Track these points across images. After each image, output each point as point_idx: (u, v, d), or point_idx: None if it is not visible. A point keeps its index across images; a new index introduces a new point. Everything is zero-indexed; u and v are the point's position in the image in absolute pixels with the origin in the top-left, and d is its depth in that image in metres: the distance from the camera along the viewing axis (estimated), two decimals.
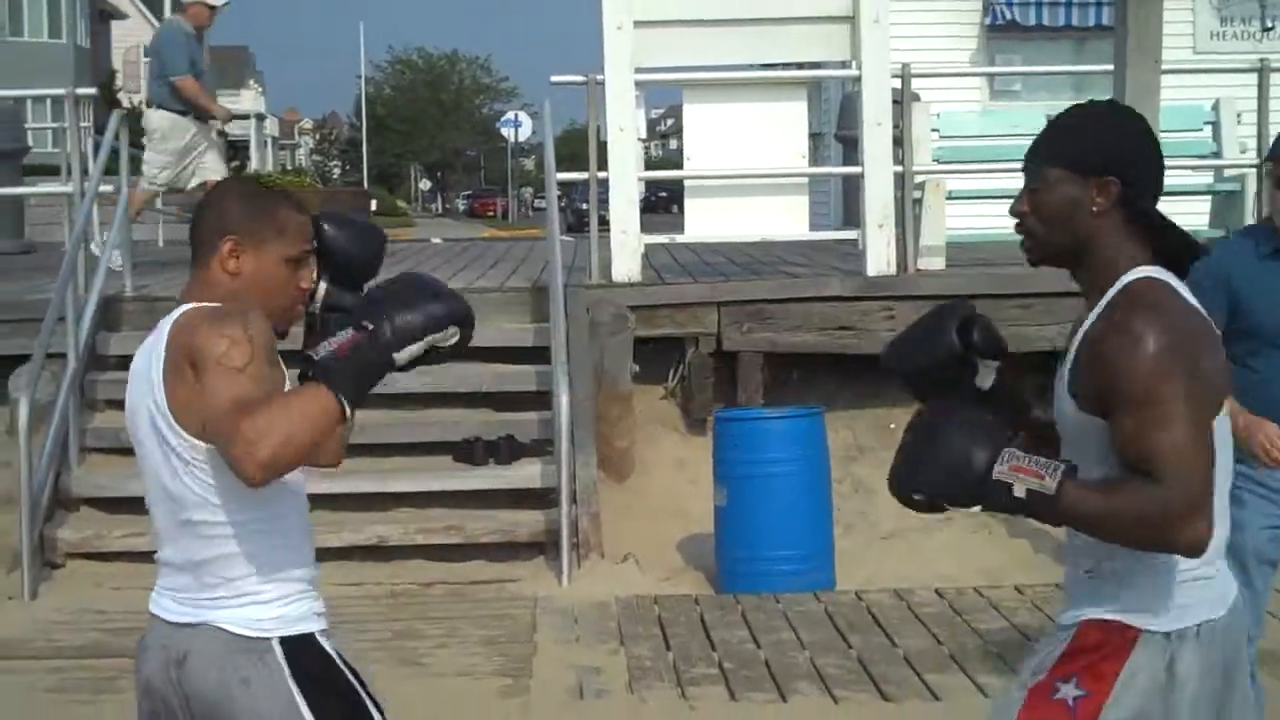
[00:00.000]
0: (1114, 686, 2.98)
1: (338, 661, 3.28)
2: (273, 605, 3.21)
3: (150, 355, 3.23)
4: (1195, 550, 2.88)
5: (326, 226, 3.43)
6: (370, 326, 3.04)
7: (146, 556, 8.69)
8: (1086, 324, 3.04)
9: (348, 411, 3.00)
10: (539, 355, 9.64)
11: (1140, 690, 2.98)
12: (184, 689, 3.23)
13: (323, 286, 3.45)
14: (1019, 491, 2.89)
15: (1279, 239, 5.12)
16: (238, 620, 3.21)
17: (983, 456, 2.91)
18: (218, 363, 3.04)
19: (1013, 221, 3.17)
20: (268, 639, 3.21)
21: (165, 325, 3.23)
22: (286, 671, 3.19)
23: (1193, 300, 3.04)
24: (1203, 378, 2.91)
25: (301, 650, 3.23)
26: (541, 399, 9.38)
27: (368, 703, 3.28)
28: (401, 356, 3.06)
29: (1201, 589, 3.03)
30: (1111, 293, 3.01)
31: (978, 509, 2.96)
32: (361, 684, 3.29)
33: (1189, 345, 2.92)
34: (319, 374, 3.00)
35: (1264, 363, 5.03)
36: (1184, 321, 2.96)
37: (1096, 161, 3.03)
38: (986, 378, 3.29)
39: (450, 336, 3.11)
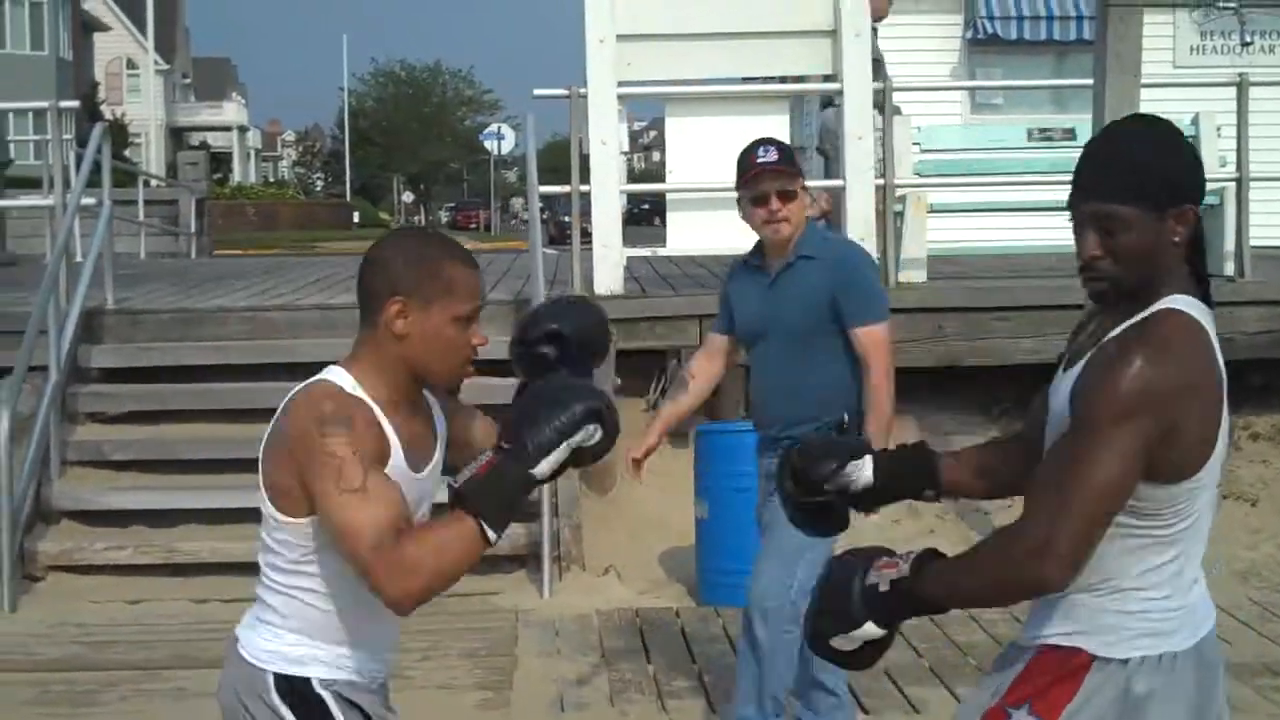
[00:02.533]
0: (1064, 711, 2.92)
1: (334, 711, 3.21)
2: (281, 643, 3.20)
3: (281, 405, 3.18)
4: (1040, 589, 2.85)
5: (546, 321, 3.38)
6: (507, 445, 2.99)
7: (126, 569, 8.72)
8: (1111, 334, 2.92)
9: (491, 536, 2.96)
10: None
11: (1093, 715, 2.92)
12: (220, 702, 3.28)
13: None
14: (883, 586, 2.92)
15: (754, 253, 5.88)
16: (248, 643, 3.23)
17: (856, 581, 2.97)
18: (338, 487, 2.97)
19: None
20: (264, 670, 3.19)
21: (301, 388, 3.16)
22: (284, 710, 3.17)
23: (1211, 339, 2.90)
24: (1161, 432, 2.79)
25: (298, 691, 3.20)
26: None
27: None
28: (543, 469, 2.98)
29: (1169, 618, 2.95)
30: (1145, 313, 2.90)
31: (870, 625, 2.97)
32: None
33: (1168, 395, 2.78)
34: (460, 502, 2.96)
35: (751, 363, 6.00)
36: (1179, 367, 2.81)
37: (1171, 193, 2.89)
38: (860, 476, 3.35)
39: (591, 435, 3.02)
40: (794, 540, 5.35)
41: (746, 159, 5.68)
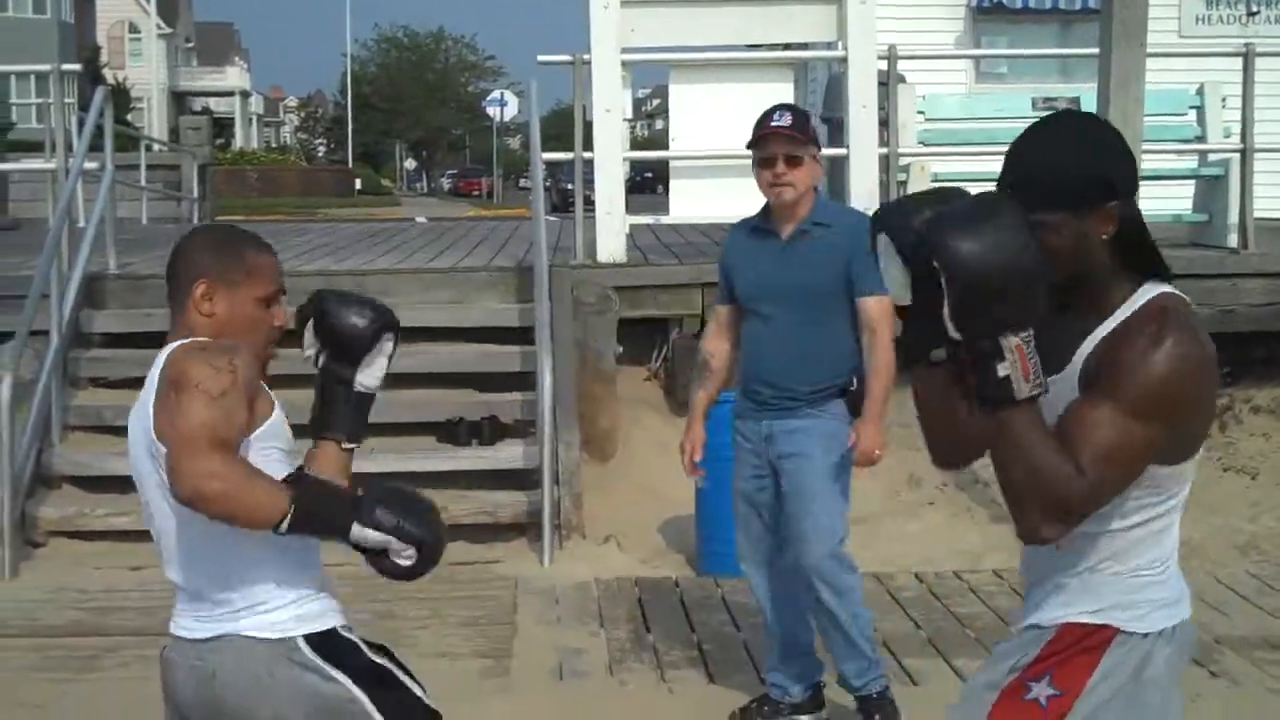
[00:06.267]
0: (1087, 683, 2.93)
1: (365, 650, 3.37)
2: (288, 607, 3.29)
3: (146, 389, 3.29)
4: (1028, 538, 2.78)
5: (325, 307, 3.51)
6: (360, 497, 3.19)
7: (128, 535, 8.73)
8: (1098, 337, 2.88)
9: (282, 527, 3.09)
10: (523, 335, 9.63)
11: (1112, 686, 2.94)
12: (220, 706, 3.31)
13: (320, 359, 3.54)
14: (1001, 369, 2.65)
15: (761, 217, 5.90)
16: (258, 626, 3.28)
17: (1029, 274, 2.60)
18: (197, 385, 3.11)
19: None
20: (292, 638, 3.27)
21: (159, 360, 3.31)
22: (324, 664, 3.26)
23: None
24: (1185, 419, 2.81)
25: (331, 644, 3.30)
26: (525, 379, 9.37)
27: (411, 685, 3.39)
28: (355, 536, 3.17)
29: (1175, 586, 3.00)
30: (1129, 309, 2.87)
31: (941, 352, 2.77)
32: (397, 663, 3.40)
33: (1196, 381, 2.79)
34: (297, 491, 3.12)
35: (748, 326, 5.93)
36: (1201, 359, 2.81)
37: (1096, 194, 2.84)
38: None
39: (406, 556, 3.22)
40: (822, 489, 5.72)
41: (760, 122, 5.74)
